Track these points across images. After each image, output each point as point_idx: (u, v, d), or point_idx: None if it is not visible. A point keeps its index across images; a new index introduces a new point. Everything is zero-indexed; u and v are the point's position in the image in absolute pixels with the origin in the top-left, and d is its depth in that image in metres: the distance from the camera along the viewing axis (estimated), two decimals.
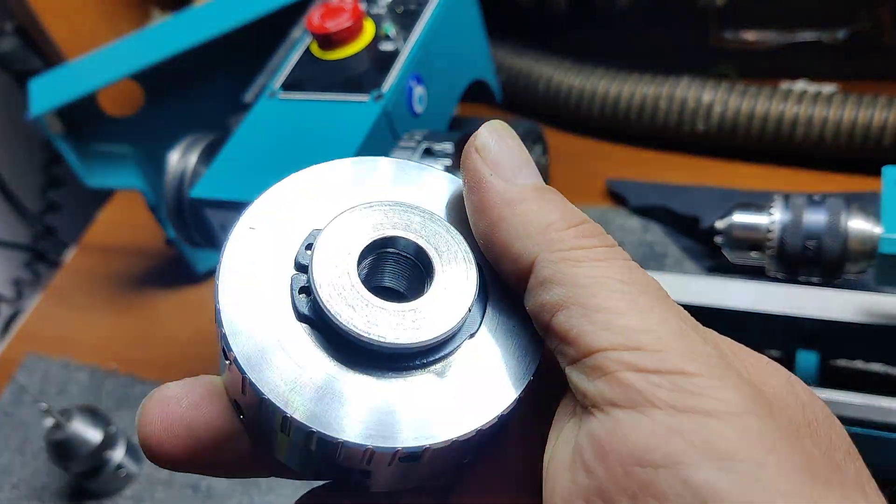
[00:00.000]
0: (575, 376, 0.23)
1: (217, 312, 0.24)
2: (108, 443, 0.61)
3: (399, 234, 0.26)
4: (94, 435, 0.60)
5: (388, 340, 0.24)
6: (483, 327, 0.26)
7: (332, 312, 0.24)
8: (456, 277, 0.25)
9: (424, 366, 0.24)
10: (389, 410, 0.24)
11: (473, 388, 0.25)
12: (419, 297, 0.25)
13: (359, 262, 0.25)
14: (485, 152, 0.26)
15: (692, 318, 0.25)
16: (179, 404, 0.25)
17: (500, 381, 0.25)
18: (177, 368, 0.71)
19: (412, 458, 0.24)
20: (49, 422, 0.59)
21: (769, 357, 0.25)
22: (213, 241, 0.54)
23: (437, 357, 0.25)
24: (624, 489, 0.20)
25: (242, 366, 0.23)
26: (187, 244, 0.59)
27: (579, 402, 0.23)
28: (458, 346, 0.25)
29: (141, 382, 0.71)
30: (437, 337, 0.24)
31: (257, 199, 0.26)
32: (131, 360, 0.73)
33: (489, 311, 0.26)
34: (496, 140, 0.26)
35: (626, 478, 0.20)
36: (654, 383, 0.21)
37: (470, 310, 0.25)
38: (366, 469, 0.24)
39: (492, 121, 0.27)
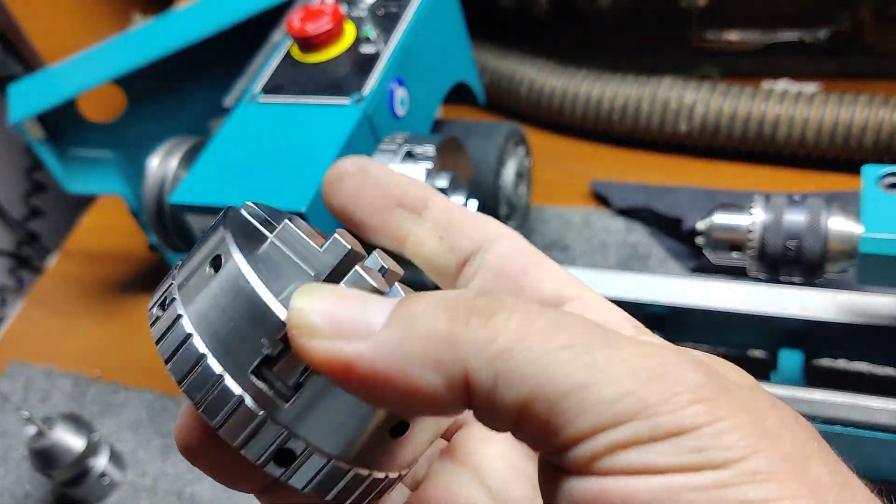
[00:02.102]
0: (567, 460, 0.20)
1: None
2: (92, 450, 0.60)
3: None
4: (77, 442, 0.59)
5: None
6: None
7: None
8: None
9: None
10: None
11: None
12: None
13: None
14: (319, 329, 0.21)
15: (653, 335, 0.24)
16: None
17: None
18: (161, 375, 0.71)
19: None
20: (31, 430, 0.59)
21: (753, 358, 0.24)
22: (194, 245, 0.54)
23: None
24: None
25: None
26: (169, 249, 0.59)
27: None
28: None
29: (125, 389, 0.70)
30: None
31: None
32: (115, 367, 0.73)
33: None
34: (316, 306, 0.21)
35: None
36: (656, 452, 0.19)
37: None
38: None
39: (296, 293, 0.21)
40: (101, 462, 0.62)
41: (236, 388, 0.22)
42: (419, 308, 0.20)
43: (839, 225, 0.43)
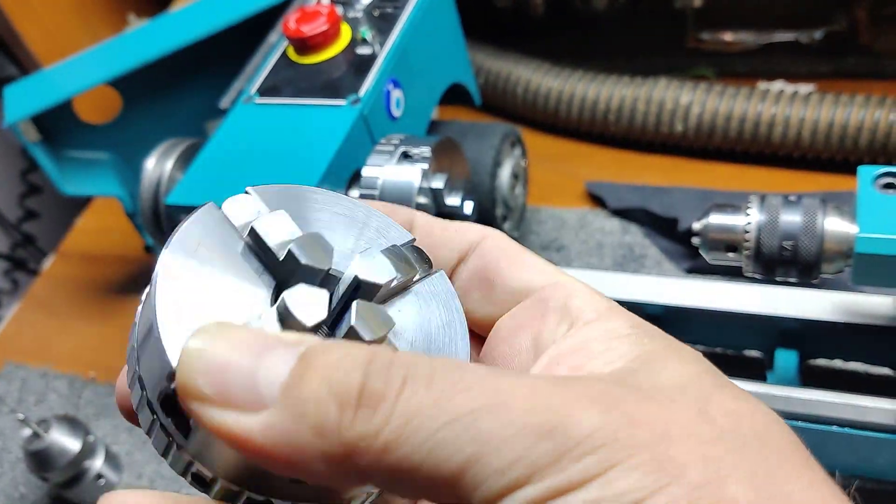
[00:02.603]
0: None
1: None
2: (88, 452, 0.60)
3: None
4: (72, 444, 0.59)
5: None
6: None
7: None
8: None
9: None
10: None
11: None
12: None
13: None
14: (205, 395, 0.20)
15: (603, 299, 0.25)
16: None
17: None
18: None
19: None
20: (27, 432, 0.59)
21: (751, 356, 0.24)
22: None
23: None
24: None
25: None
26: None
27: None
28: None
29: None
30: None
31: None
32: (111, 369, 0.73)
33: None
34: (202, 367, 0.20)
35: None
36: None
37: None
38: None
39: (193, 337, 0.20)
40: (96, 464, 0.61)
41: (150, 414, 0.23)
42: (310, 389, 0.19)
43: (835, 225, 0.43)
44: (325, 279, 0.24)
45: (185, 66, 0.67)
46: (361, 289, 0.24)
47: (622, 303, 0.26)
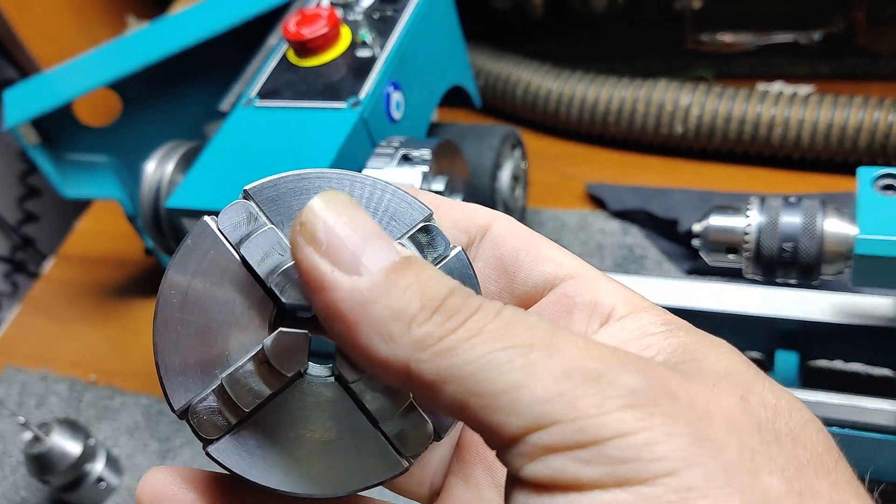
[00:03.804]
0: (507, 463, 0.20)
1: None
2: (88, 455, 0.60)
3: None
4: (73, 448, 0.59)
5: None
6: None
7: None
8: None
9: None
10: None
11: None
12: None
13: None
14: (317, 240, 0.21)
15: (631, 293, 0.24)
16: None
17: None
18: (156, 379, 0.70)
19: None
20: (27, 435, 0.59)
21: (751, 357, 0.24)
22: None
23: None
24: None
25: None
26: (165, 254, 0.59)
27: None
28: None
29: (121, 394, 0.70)
30: None
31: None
32: (111, 372, 0.73)
33: None
34: (327, 220, 0.21)
35: None
36: (582, 461, 0.19)
37: None
38: None
39: (321, 195, 0.22)
40: (97, 467, 0.61)
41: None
42: (403, 280, 0.21)
43: (834, 227, 0.43)
44: None
45: (185, 68, 0.67)
46: None
47: None
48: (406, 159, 0.49)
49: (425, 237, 0.25)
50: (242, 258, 0.24)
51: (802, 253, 0.43)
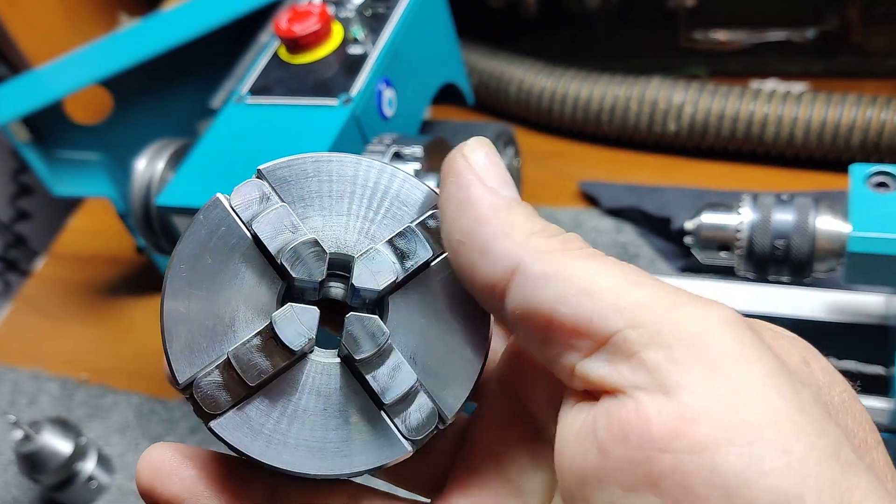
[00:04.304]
0: (591, 368, 0.22)
1: None
2: (79, 454, 0.60)
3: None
4: (64, 446, 0.59)
5: None
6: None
7: None
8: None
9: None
10: None
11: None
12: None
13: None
14: (472, 160, 0.25)
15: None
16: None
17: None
18: (148, 378, 0.70)
19: None
20: (18, 434, 0.58)
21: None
22: None
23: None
24: (645, 475, 0.20)
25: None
26: (156, 252, 0.59)
27: (591, 392, 0.22)
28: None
29: (112, 392, 0.70)
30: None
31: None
32: (102, 370, 0.73)
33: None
34: (484, 153, 0.25)
35: (648, 463, 0.20)
36: (677, 361, 0.20)
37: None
38: None
39: (478, 137, 0.26)
40: (88, 466, 0.61)
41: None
42: (531, 211, 0.25)
43: (827, 224, 0.43)
44: (332, 263, 0.25)
45: (177, 65, 0.67)
46: (360, 294, 0.25)
47: None
48: (398, 156, 0.49)
49: (424, 234, 0.26)
50: (254, 235, 0.24)
51: (795, 250, 0.43)
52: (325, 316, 0.25)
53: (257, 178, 0.26)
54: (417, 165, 0.48)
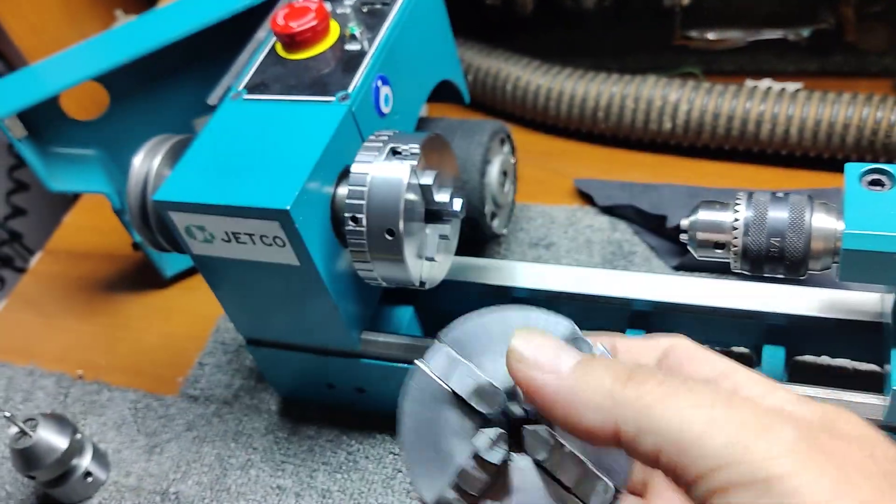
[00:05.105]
0: (694, 498, 0.25)
1: None
2: (75, 450, 0.60)
3: None
4: (60, 442, 0.59)
5: None
6: None
7: None
8: None
9: None
10: None
11: None
12: None
13: None
14: (524, 361, 0.30)
15: (768, 381, 0.29)
16: None
17: None
18: (144, 374, 0.70)
19: None
20: (13, 430, 0.58)
21: (738, 352, 0.27)
22: (177, 244, 0.54)
23: None
24: None
25: None
26: (152, 248, 0.59)
27: None
28: None
29: (108, 388, 0.70)
30: None
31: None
32: (98, 367, 0.73)
33: None
34: (526, 345, 0.30)
35: None
36: (754, 495, 0.23)
37: None
38: None
39: (516, 332, 0.31)
40: (84, 462, 0.61)
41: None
42: (596, 367, 0.29)
43: (822, 222, 0.44)
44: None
45: (173, 62, 0.67)
46: (530, 412, 0.33)
47: (611, 299, 0.28)
48: (395, 153, 0.49)
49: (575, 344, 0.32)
50: (451, 389, 0.33)
51: (790, 248, 0.44)
52: (512, 429, 0.32)
53: (438, 341, 0.34)
54: (414, 162, 0.48)
